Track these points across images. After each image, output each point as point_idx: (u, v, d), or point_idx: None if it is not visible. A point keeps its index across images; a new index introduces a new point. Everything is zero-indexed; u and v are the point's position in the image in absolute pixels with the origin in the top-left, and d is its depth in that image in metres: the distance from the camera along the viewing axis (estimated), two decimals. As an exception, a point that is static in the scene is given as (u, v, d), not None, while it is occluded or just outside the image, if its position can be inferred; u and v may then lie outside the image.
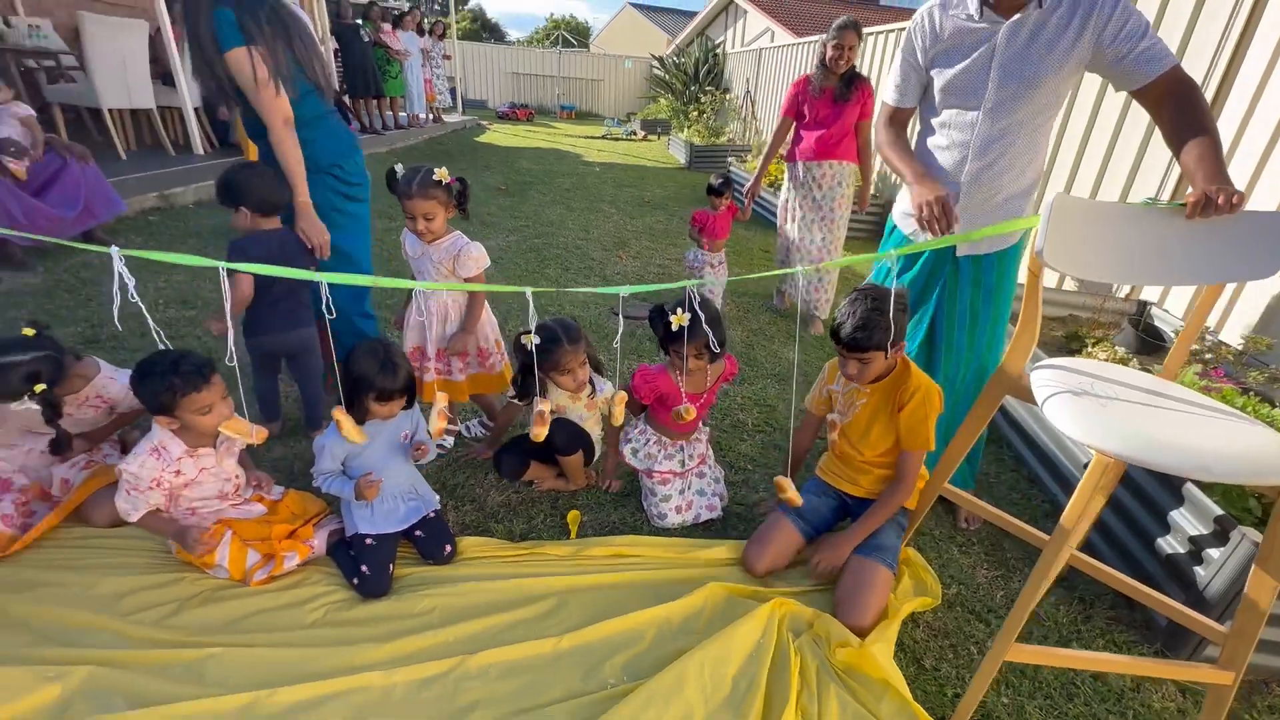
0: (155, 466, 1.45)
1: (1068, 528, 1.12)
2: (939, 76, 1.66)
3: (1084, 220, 1.19)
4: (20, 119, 3.38)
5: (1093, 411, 1.12)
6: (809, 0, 17.69)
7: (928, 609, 1.62)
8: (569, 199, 6.36)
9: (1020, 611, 1.18)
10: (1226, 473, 1.00)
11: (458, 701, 1.30)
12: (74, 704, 1.21)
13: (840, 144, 3.17)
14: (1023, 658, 1.23)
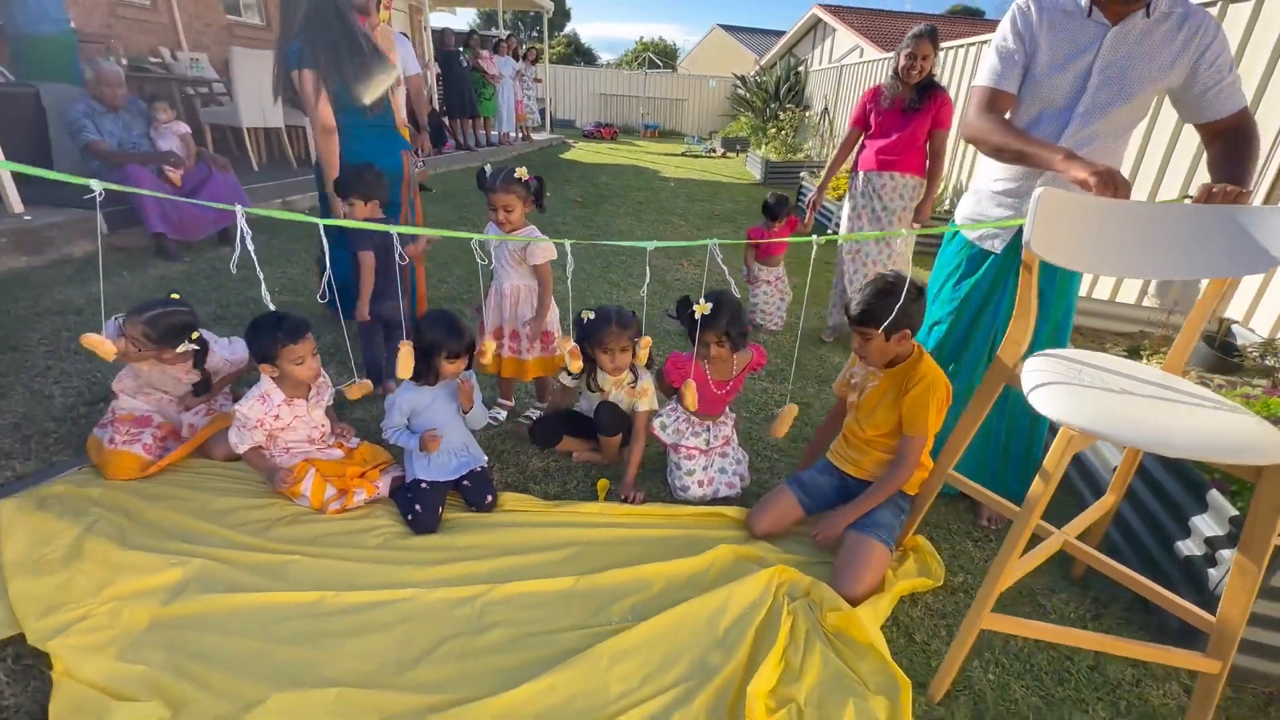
0: (260, 409, 1.78)
1: (1035, 497, 1.19)
2: (1035, 69, 1.62)
3: (1072, 214, 1.26)
4: (180, 135, 4.04)
5: (1068, 392, 1.19)
6: (904, 17, 17.40)
7: (927, 590, 1.67)
8: (640, 211, 6.64)
9: (994, 577, 1.25)
10: (1186, 448, 1.05)
11: (482, 620, 1.51)
12: (189, 586, 1.52)
13: (904, 156, 3.05)
14: (998, 626, 1.30)
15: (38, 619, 1.37)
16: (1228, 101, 1.49)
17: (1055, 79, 1.61)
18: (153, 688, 1.26)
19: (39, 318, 2.90)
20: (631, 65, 25.11)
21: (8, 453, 1.97)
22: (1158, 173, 3.35)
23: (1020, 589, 1.72)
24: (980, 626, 1.29)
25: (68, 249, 3.68)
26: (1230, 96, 1.49)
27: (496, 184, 2.07)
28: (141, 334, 1.82)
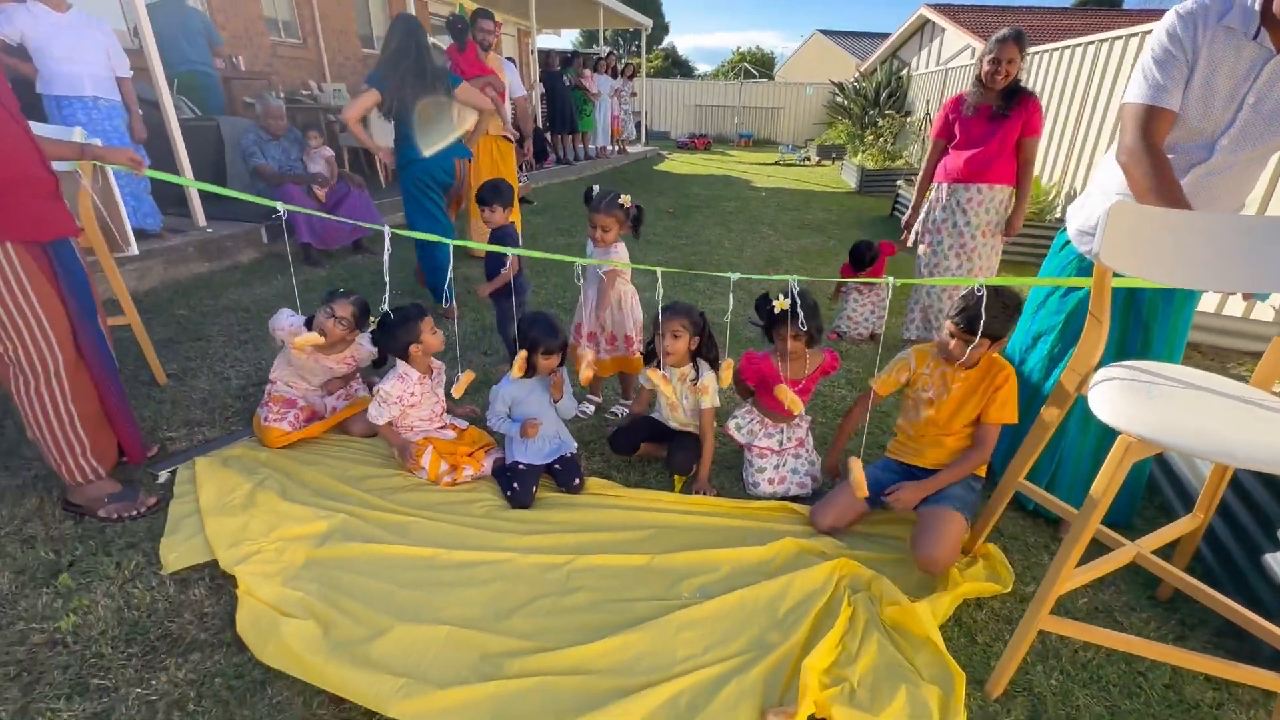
0: (400, 387, 2.10)
1: (1096, 497, 1.22)
2: (1187, 87, 1.50)
3: (1142, 225, 1.28)
4: (326, 159, 4.66)
5: (1132, 401, 1.22)
6: (1025, 13, 16.32)
7: (994, 594, 1.69)
8: (729, 221, 6.76)
9: (1053, 578, 1.29)
10: (1250, 459, 1.06)
11: (568, 584, 1.72)
12: (333, 535, 1.84)
13: (992, 165, 2.93)
14: (1057, 628, 1.33)
15: (225, 550, 1.73)
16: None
17: (1205, 102, 1.50)
18: (308, 610, 1.56)
19: (218, 314, 3.48)
20: (728, 75, 25.19)
21: (199, 421, 2.43)
22: (1267, 185, 3.03)
23: (1097, 605, 1.70)
24: (1038, 627, 1.33)
25: (238, 256, 4.36)
26: None
27: (600, 206, 2.31)
28: (352, 314, 2.24)
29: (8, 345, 1.69)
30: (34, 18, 3.32)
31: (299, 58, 8.23)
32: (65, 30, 3.38)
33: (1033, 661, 1.51)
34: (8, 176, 1.63)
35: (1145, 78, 1.53)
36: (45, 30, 3.33)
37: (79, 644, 1.47)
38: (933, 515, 1.75)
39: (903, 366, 1.99)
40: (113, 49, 3.60)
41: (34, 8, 3.33)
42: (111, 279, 2.50)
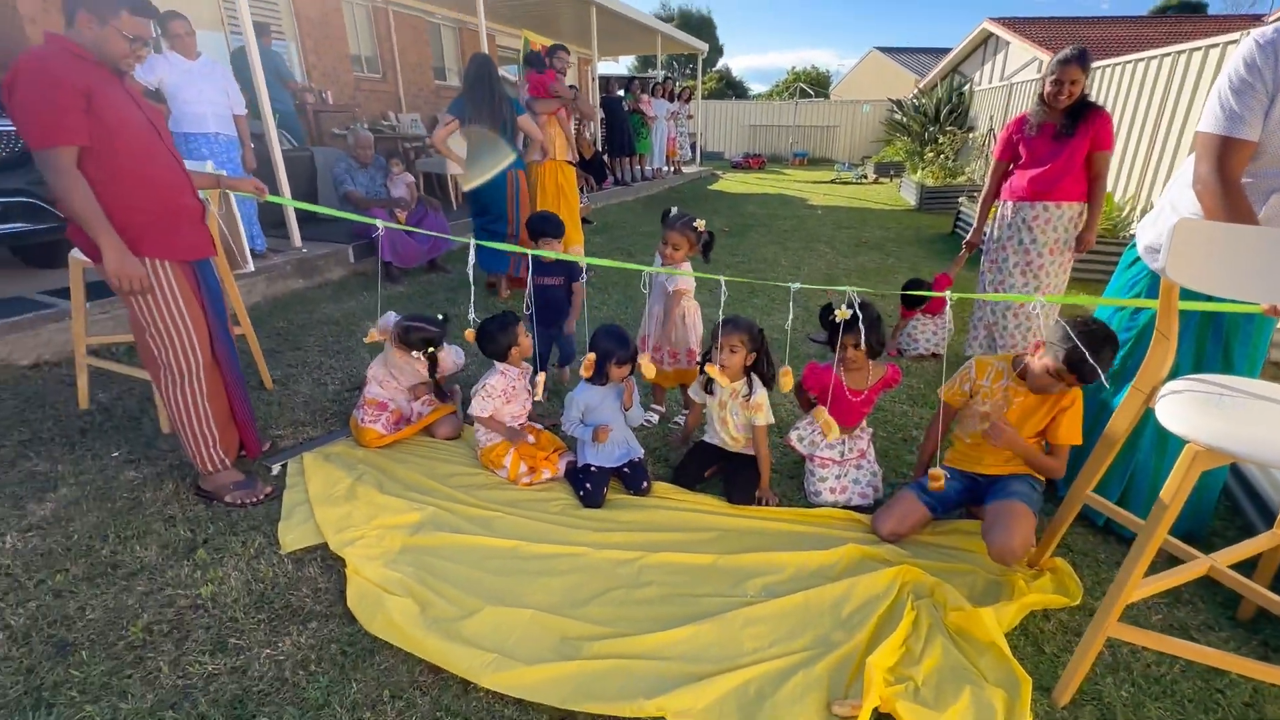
0: (502, 382, 2.31)
1: (1166, 502, 1.25)
2: (1269, 116, 1.47)
3: (1209, 241, 1.31)
4: (407, 184, 5.02)
5: (1200, 411, 1.25)
6: (1095, 24, 15.76)
7: (1061, 606, 1.70)
8: (785, 239, 6.81)
9: (1120, 585, 1.31)
10: (1323, 468, 1.08)
11: (639, 579, 1.83)
12: (425, 525, 2.02)
13: (1060, 182, 2.87)
14: (1125, 635, 1.35)
15: (334, 534, 1.94)
16: None
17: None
18: (407, 590, 1.73)
19: (313, 326, 3.81)
20: (782, 95, 25.26)
21: (302, 421, 2.69)
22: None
23: (1172, 622, 1.68)
24: (1106, 634, 1.35)
25: (329, 274, 4.75)
26: None
27: (675, 225, 2.45)
28: (396, 335, 2.43)
29: (161, 349, 1.97)
30: (170, 65, 3.78)
31: (379, 90, 8.86)
32: (195, 75, 3.83)
33: (1102, 673, 1.52)
34: (172, 207, 1.91)
35: (1221, 107, 1.51)
36: (179, 76, 3.79)
37: (217, 608, 1.68)
38: (1003, 508, 1.80)
39: (964, 376, 2.03)
40: (231, 89, 4.04)
41: (170, 57, 3.80)
42: (231, 294, 2.81)
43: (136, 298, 1.88)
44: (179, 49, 3.82)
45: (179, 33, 3.80)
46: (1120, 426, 1.53)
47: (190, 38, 3.85)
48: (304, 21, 7.59)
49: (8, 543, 1.90)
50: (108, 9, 1.72)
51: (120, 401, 2.81)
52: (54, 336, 3.17)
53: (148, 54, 3.74)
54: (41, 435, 2.50)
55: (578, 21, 9.77)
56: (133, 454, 2.39)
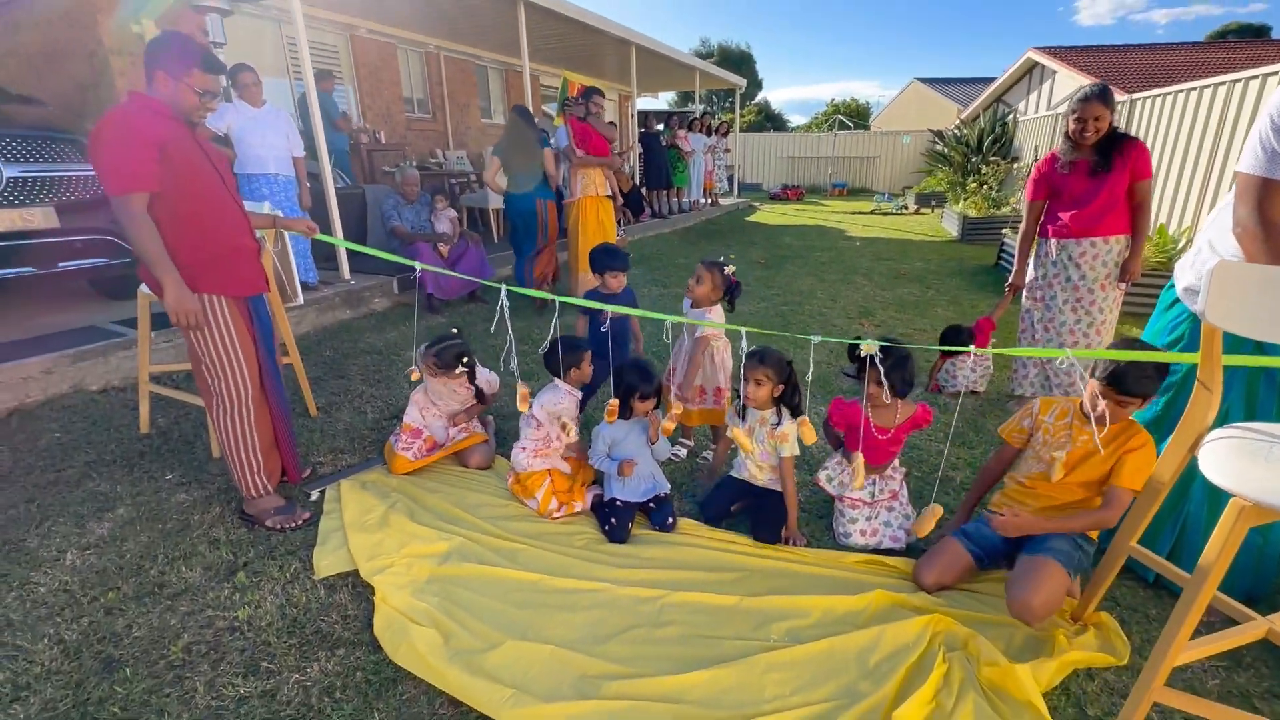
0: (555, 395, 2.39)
1: (1208, 563, 1.18)
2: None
3: (1250, 284, 1.26)
4: (450, 219, 5.22)
5: (1246, 462, 1.19)
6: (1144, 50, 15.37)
7: (1107, 665, 1.60)
8: (822, 271, 6.77)
9: (1165, 645, 1.24)
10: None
11: (660, 617, 1.82)
12: (453, 555, 2.06)
13: (1105, 218, 2.82)
14: (1172, 701, 1.27)
15: (365, 562, 1.99)
16: None
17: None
18: (431, 620, 1.76)
19: (357, 355, 3.97)
20: (821, 127, 25.36)
21: (342, 449, 2.79)
22: None
23: (1231, 689, 1.56)
24: (1152, 699, 1.27)
25: (374, 304, 4.95)
26: None
27: (705, 262, 2.50)
28: (432, 363, 2.52)
29: (214, 378, 2.09)
30: (238, 113, 4.08)
31: (428, 129, 9.30)
32: (259, 121, 4.12)
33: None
34: (230, 245, 2.06)
35: (1263, 148, 1.47)
36: (245, 123, 4.08)
37: (252, 631, 1.74)
38: (1030, 562, 1.71)
39: (1025, 413, 1.97)
40: (291, 133, 4.32)
41: (238, 105, 4.10)
42: (281, 325, 2.97)
43: (193, 330, 2.02)
44: (246, 98, 4.12)
45: (247, 83, 4.11)
46: (1164, 476, 1.46)
47: (257, 87, 4.15)
48: (361, 67, 8.08)
49: (68, 560, 2.02)
50: (180, 68, 1.89)
51: (177, 426, 2.97)
52: (122, 363, 3.40)
53: (218, 105, 4.05)
54: (105, 457, 2.67)
55: (619, 60, 10.11)
56: (185, 477, 2.52)
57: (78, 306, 4.09)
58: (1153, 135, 6.43)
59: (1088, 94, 2.74)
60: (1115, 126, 2.78)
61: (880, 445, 2.14)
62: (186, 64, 1.89)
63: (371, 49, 8.16)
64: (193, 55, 1.91)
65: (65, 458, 2.65)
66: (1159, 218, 6.06)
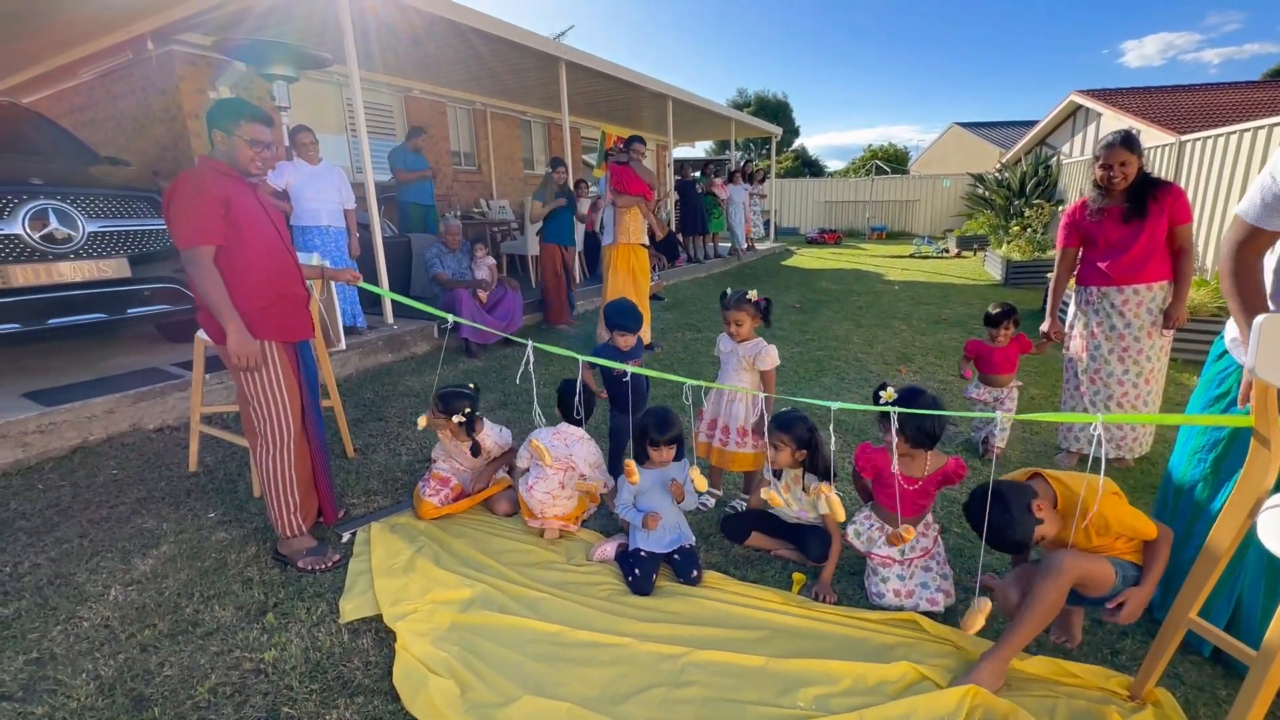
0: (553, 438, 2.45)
1: (1275, 644, 1.08)
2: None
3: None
4: (489, 266, 5.41)
5: (1309, 533, 1.10)
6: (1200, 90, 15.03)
7: (1167, 753, 1.47)
8: (859, 315, 6.69)
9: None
10: None
11: (682, 677, 1.76)
12: (475, 603, 2.06)
13: (1147, 265, 2.74)
14: (1241, 800, 1.14)
15: (389, 607, 2.00)
16: None
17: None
18: (450, 670, 1.75)
19: (395, 398, 4.09)
20: (859, 172, 25.47)
21: (375, 491, 2.85)
22: None
23: (1316, 785, 1.40)
24: (1217, 795, 1.15)
25: (415, 348, 5.12)
26: None
27: (730, 303, 2.54)
28: (436, 409, 2.58)
29: (260, 419, 2.18)
30: (296, 170, 4.38)
31: (473, 180, 9.75)
32: (316, 178, 4.41)
33: (1222, 843, 1.28)
34: (283, 293, 2.18)
35: (1262, 198, 1.50)
36: (302, 179, 4.37)
37: (276, 674, 1.76)
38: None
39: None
40: (344, 188, 4.60)
41: (297, 163, 4.41)
42: (324, 368, 3.10)
43: (247, 374, 2.13)
44: (304, 156, 4.43)
45: (305, 142, 4.42)
46: (1221, 543, 1.36)
47: (314, 146, 4.45)
48: (413, 123, 8.59)
49: (111, 595, 2.10)
50: (230, 122, 2.06)
51: (223, 465, 3.10)
52: (178, 404, 3.58)
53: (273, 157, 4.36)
54: (155, 494, 2.79)
55: (656, 112, 10.46)
56: (225, 516, 2.61)
57: (142, 349, 4.36)
58: (1204, 176, 6.24)
59: (1111, 141, 2.71)
60: (1147, 172, 2.74)
61: (908, 496, 2.06)
62: (235, 118, 2.06)
63: (424, 107, 8.68)
64: (240, 109, 2.08)
65: (119, 494, 2.78)
66: (1214, 261, 5.80)
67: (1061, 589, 1.59)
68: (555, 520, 2.49)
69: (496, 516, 2.65)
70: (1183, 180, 6.74)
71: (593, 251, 8.02)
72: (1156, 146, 7.49)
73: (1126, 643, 1.87)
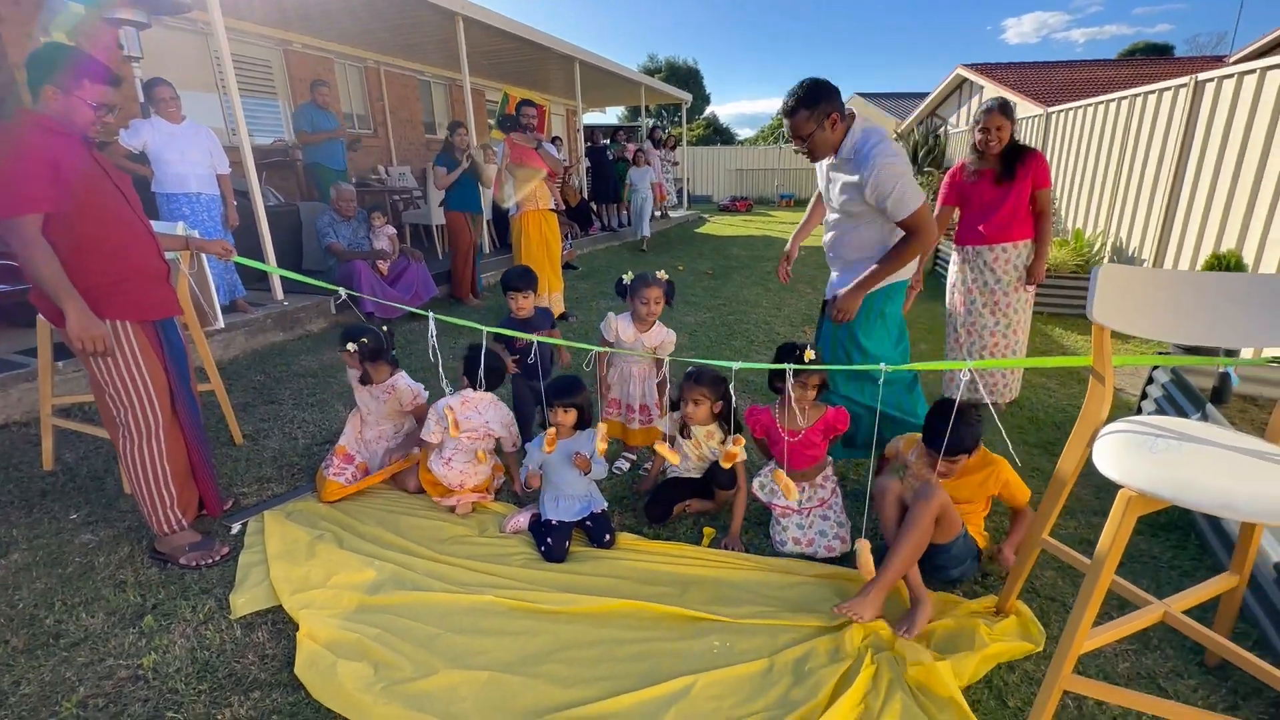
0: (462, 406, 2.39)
1: (1103, 553, 1.24)
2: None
3: (1130, 285, 1.35)
4: (389, 236, 5.11)
5: (1133, 455, 1.25)
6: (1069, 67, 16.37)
7: (1025, 654, 1.66)
8: (768, 280, 6.90)
9: (1070, 635, 1.29)
10: (1252, 513, 1.08)
11: (600, 635, 1.78)
12: (385, 583, 1.98)
13: (1012, 224, 3.03)
14: (1080, 688, 1.32)
15: (290, 595, 1.90)
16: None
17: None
18: (362, 651, 1.69)
19: (290, 379, 3.82)
20: (767, 140, 26.00)
21: (268, 478, 2.67)
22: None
23: (1140, 670, 1.64)
24: (1061, 687, 1.32)
25: (309, 326, 4.78)
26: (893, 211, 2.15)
27: (645, 283, 2.52)
28: (352, 351, 2.44)
29: (120, 409, 1.97)
30: (155, 129, 3.90)
31: (371, 145, 9.09)
32: (179, 138, 3.94)
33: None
34: (134, 268, 1.95)
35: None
36: (162, 139, 3.90)
37: (158, 679, 1.63)
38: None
39: (892, 449, 2.12)
40: (215, 150, 4.15)
41: (155, 121, 3.92)
42: (201, 350, 2.83)
43: (97, 359, 1.90)
44: (164, 114, 3.94)
45: (164, 97, 3.93)
46: (1066, 470, 1.53)
47: (175, 102, 3.97)
48: (297, 82, 7.86)
49: (-50, 613, 1.85)
50: (69, 80, 1.79)
51: (86, 461, 2.78)
52: (25, 396, 3.17)
53: (113, 120, 3.86)
54: (1, 498, 2.47)
55: (564, 76, 10.13)
56: (92, 516, 2.36)
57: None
58: (1068, 145, 6.84)
59: (990, 106, 2.95)
60: (1016, 139, 2.98)
61: (795, 448, 2.17)
62: (75, 75, 1.79)
63: (308, 63, 7.95)
64: (82, 67, 1.81)
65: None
66: (1075, 223, 6.43)
67: (932, 511, 1.76)
68: (470, 493, 2.44)
69: (406, 493, 2.55)
70: (1049, 149, 7.37)
71: (502, 219, 7.76)
72: (1028, 117, 8.12)
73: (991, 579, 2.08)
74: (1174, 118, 4.85)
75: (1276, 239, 3.68)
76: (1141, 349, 4.17)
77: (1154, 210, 5.02)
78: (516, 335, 2.51)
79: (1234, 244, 4.05)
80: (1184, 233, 4.65)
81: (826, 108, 2.11)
